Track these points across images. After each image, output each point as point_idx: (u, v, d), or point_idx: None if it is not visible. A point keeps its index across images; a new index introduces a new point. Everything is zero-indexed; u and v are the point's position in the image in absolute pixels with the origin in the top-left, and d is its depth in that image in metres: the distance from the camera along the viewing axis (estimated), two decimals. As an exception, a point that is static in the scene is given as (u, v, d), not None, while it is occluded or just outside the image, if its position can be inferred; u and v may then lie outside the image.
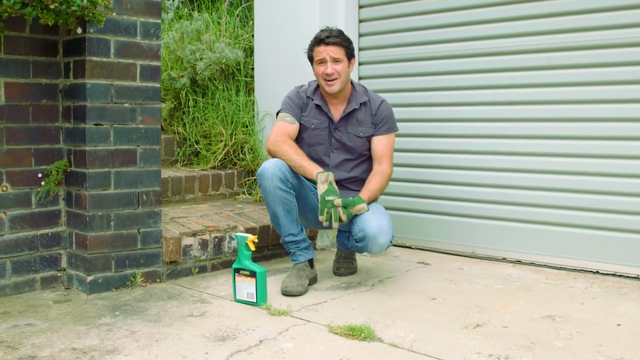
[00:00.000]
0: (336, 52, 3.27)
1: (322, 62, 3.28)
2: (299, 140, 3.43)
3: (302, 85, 3.48)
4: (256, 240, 3.04)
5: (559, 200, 3.63)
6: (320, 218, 3.08)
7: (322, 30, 3.35)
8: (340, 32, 3.34)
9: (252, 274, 2.97)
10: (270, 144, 3.30)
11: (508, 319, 2.78)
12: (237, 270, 3.02)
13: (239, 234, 3.11)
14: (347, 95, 3.39)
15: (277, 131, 3.34)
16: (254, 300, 2.97)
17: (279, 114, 3.42)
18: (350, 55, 3.33)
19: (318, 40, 3.31)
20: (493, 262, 3.82)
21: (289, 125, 3.36)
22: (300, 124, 3.40)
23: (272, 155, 3.28)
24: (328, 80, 3.28)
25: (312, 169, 3.19)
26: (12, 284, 3.11)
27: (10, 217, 3.09)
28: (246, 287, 2.99)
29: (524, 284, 3.33)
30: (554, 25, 3.57)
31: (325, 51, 3.26)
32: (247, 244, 3.00)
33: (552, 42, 3.59)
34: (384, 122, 3.40)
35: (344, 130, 3.39)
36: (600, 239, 3.50)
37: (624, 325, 2.70)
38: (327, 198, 3.06)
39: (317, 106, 3.39)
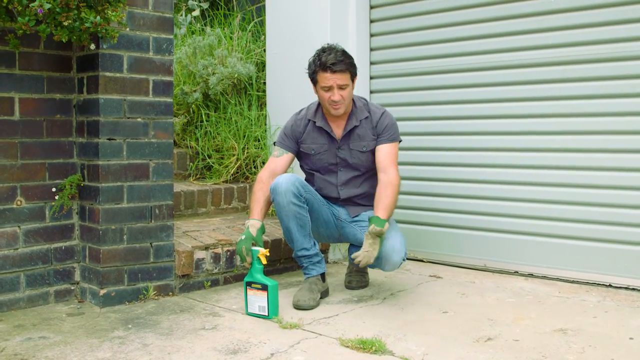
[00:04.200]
0: (343, 78, 3.21)
1: (329, 89, 3.23)
2: (302, 167, 3.48)
3: (300, 111, 3.47)
4: (268, 254, 3.05)
5: (571, 213, 3.61)
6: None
7: (325, 52, 3.24)
8: (344, 55, 3.24)
9: (264, 288, 2.98)
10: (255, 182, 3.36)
11: (520, 333, 2.77)
12: (248, 284, 3.03)
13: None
14: (348, 111, 3.36)
15: (264, 169, 3.39)
16: (266, 314, 2.97)
17: (273, 147, 3.49)
18: (354, 75, 3.29)
19: (324, 67, 3.20)
20: (505, 275, 3.80)
21: (274, 160, 3.39)
22: (302, 152, 3.42)
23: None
24: (334, 105, 3.27)
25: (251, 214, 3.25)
26: (26, 297, 3.14)
27: (25, 231, 3.13)
28: (258, 300, 3.00)
29: (536, 297, 3.32)
30: (569, 38, 3.58)
31: (332, 79, 3.19)
32: (259, 257, 3.02)
33: (566, 54, 3.59)
34: (385, 131, 3.33)
35: (346, 148, 3.37)
36: (613, 252, 3.48)
37: (636, 339, 2.68)
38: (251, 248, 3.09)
39: (318, 128, 3.37)
